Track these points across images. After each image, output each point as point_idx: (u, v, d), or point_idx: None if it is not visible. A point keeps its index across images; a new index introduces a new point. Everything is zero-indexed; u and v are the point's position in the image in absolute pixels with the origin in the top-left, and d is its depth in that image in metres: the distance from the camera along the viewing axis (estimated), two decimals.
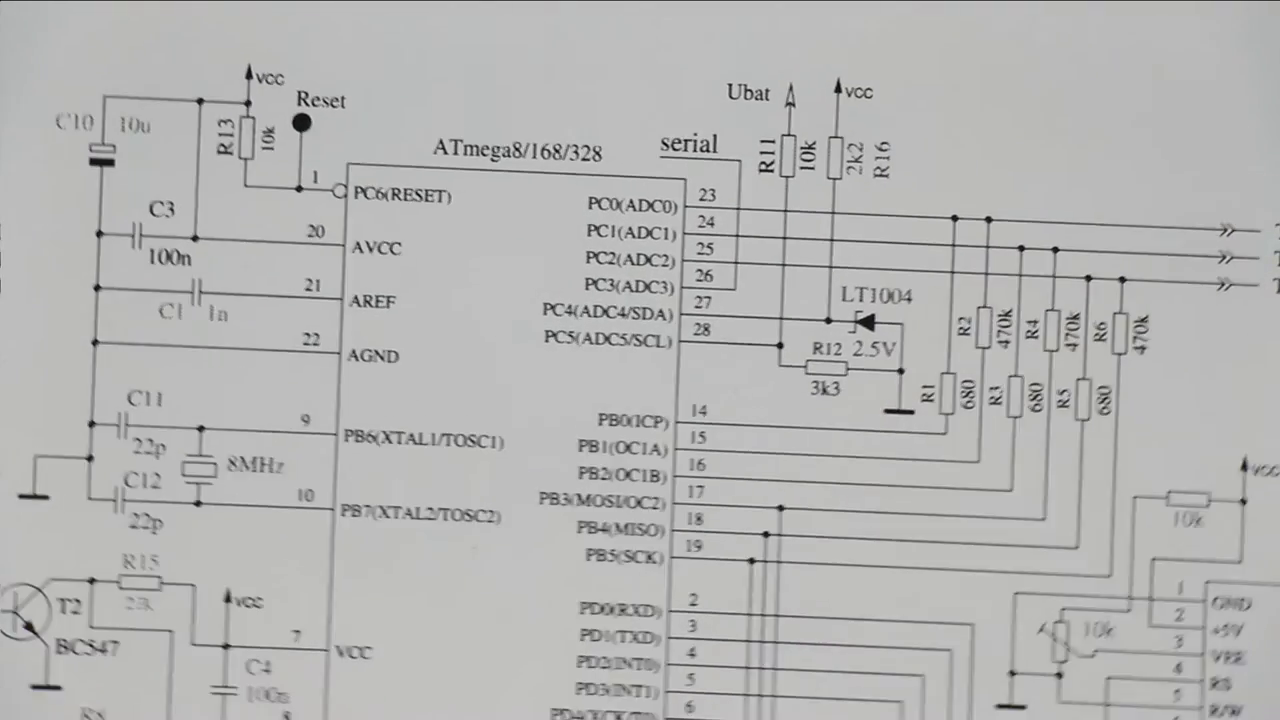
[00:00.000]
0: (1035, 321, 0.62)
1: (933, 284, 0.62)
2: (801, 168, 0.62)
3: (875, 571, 0.62)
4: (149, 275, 0.62)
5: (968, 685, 0.62)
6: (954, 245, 0.62)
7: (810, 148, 0.62)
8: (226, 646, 0.62)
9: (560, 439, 0.62)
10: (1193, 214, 0.62)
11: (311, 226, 0.62)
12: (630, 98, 0.62)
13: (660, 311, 0.62)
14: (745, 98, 0.62)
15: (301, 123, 0.63)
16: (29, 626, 0.62)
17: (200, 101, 0.62)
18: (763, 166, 0.62)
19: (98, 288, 0.62)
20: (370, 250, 0.62)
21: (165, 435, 0.62)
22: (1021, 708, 0.62)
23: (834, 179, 0.62)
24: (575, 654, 0.62)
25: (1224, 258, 0.62)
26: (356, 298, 0.62)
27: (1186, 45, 0.62)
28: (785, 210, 0.62)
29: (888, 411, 0.62)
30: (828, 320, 0.62)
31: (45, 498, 0.62)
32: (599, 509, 0.62)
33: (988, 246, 0.62)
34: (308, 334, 0.62)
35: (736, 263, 0.62)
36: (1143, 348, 0.62)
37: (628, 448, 0.62)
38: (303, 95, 0.63)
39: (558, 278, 0.62)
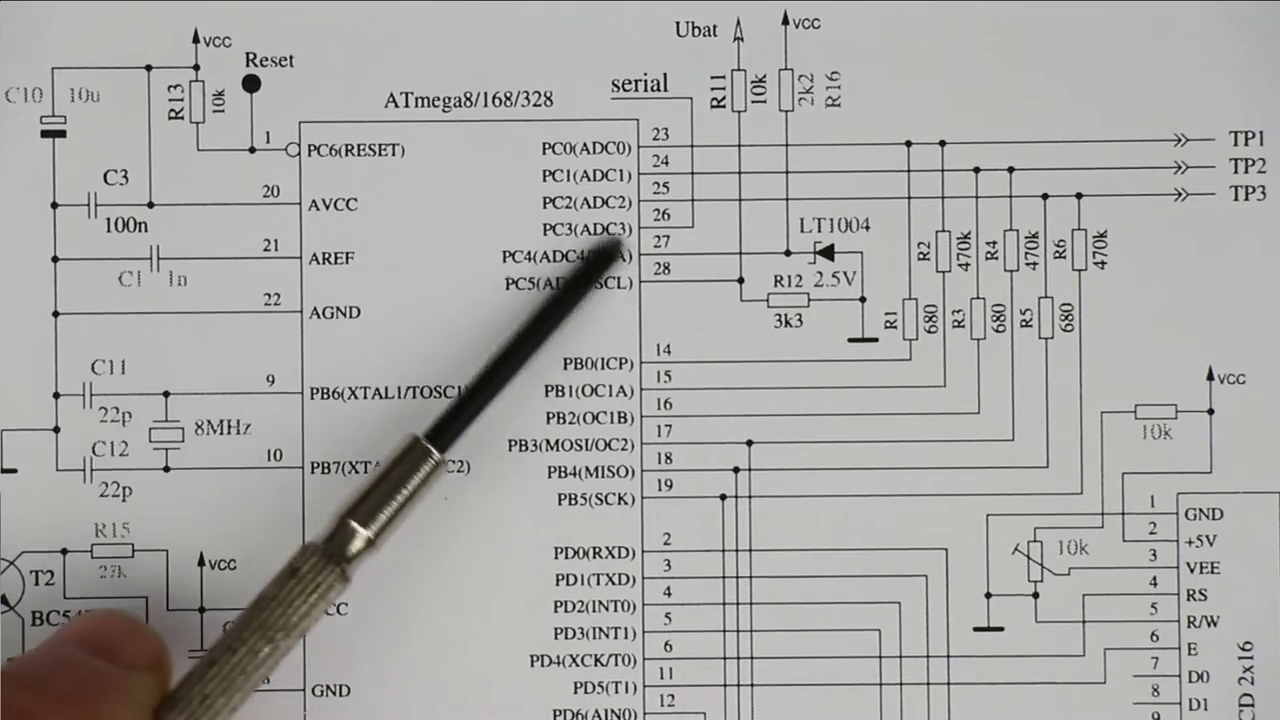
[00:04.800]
0: (994, 242, 0.62)
1: (890, 211, 0.62)
2: (753, 101, 0.62)
3: (847, 501, 0.62)
4: (106, 244, 0.62)
5: (944, 610, 0.62)
6: (909, 171, 0.62)
7: (761, 81, 0.62)
8: (202, 610, 0.62)
9: (526, 386, 0.62)
10: (1146, 126, 0.62)
11: (266, 187, 0.62)
12: (578, 41, 0.62)
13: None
14: (693, 35, 0.62)
15: (251, 84, 0.63)
16: (3, 600, 0.62)
17: (149, 68, 0.62)
18: (714, 102, 0.62)
19: (55, 259, 0.62)
20: (326, 207, 0.62)
21: (130, 403, 0.62)
22: (999, 629, 0.62)
23: (786, 111, 0.62)
24: (551, 599, 0.62)
25: (1179, 168, 0.62)
26: (315, 255, 0.62)
27: None
28: (739, 145, 0.62)
29: (851, 340, 0.62)
30: (787, 253, 0.62)
31: (14, 471, 0.62)
32: (568, 454, 0.62)
33: (943, 170, 0.62)
34: (268, 294, 0.62)
35: (693, 200, 0.62)
36: (1103, 263, 0.62)
37: (594, 391, 0.62)
38: (251, 56, 0.62)
39: (515, 225, 0.62)
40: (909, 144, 0.62)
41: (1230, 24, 0.62)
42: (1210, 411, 0.62)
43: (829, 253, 0.62)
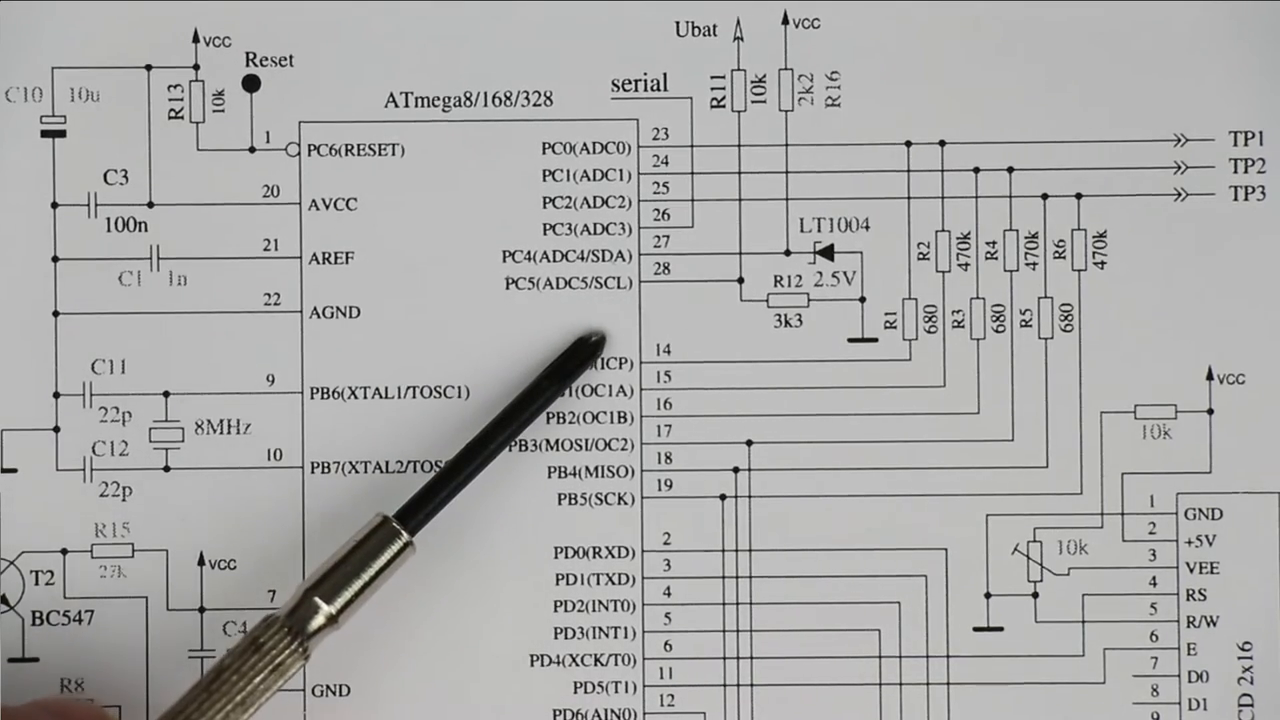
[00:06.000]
0: (994, 242, 0.62)
1: (890, 211, 0.62)
2: (753, 101, 0.62)
3: (846, 501, 0.62)
4: (106, 244, 0.62)
5: (944, 610, 0.62)
6: (909, 171, 0.62)
7: (761, 81, 0.62)
8: (202, 610, 0.62)
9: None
10: (1146, 126, 0.62)
11: (266, 186, 0.62)
12: (578, 40, 0.62)
13: (619, 253, 0.62)
14: (693, 34, 0.62)
15: (251, 83, 0.63)
16: (3, 600, 0.62)
17: (149, 68, 0.62)
18: (714, 102, 0.62)
19: (55, 259, 0.62)
20: (326, 207, 0.62)
21: (130, 402, 0.62)
22: (999, 629, 0.62)
23: (786, 111, 0.62)
24: (551, 599, 0.62)
25: (1179, 168, 0.62)
26: (315, 255, 0.62)
27: None
28: (739, 145, 0.62)
29: (851, 340, 0.62)
30: (787, 253, 0.62)
31: (13, 471, 0.62)
32: (568, 454, 0.62)
33: (943, 170, 0.62)
34: (268, 294, 0.62)
35: (693, 200, 0.62)
36: (1102, 263, 0.62)
37: (594, 390, 0.62)
38: (251, 56, 0.62)
39: (515, 225, 0.62)
40: (909, 144, 0.62)
41: (1230, 24, 0.62)
42: (1210, 411, 0.62)
43: (829, 253, 0.62)
